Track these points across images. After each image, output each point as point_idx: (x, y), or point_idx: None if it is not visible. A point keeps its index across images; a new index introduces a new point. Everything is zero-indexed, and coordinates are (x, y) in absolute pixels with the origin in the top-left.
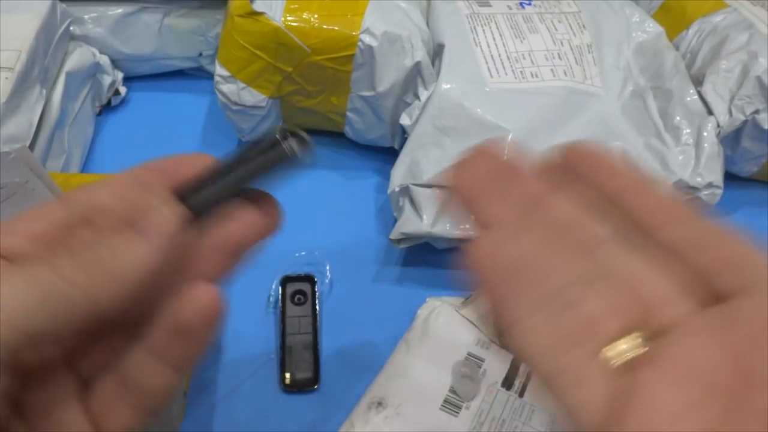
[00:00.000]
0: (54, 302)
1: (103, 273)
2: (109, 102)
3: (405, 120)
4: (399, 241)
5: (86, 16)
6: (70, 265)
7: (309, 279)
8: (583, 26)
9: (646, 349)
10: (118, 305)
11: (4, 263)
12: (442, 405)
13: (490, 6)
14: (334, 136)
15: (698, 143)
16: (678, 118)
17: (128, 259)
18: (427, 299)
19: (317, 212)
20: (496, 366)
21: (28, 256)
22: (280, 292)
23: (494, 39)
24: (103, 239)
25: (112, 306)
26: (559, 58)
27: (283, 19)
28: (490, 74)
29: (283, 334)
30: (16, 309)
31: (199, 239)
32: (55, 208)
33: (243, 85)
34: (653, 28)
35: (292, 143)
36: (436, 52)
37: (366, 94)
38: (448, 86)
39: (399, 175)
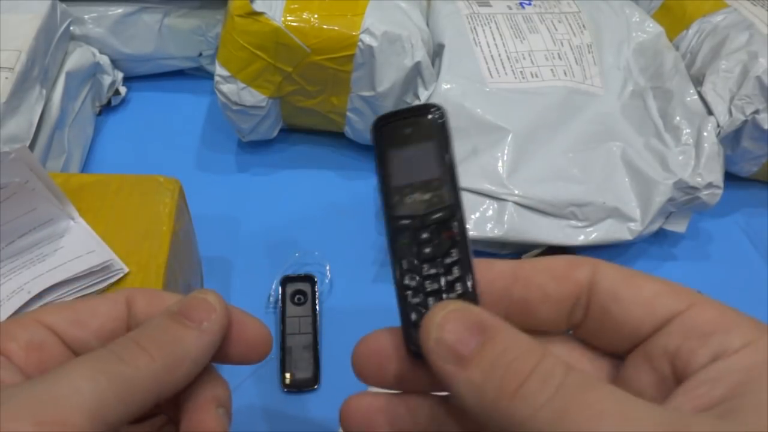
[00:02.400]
0: (126, 389)
1: (167, 357)
2: (109, 102)
3: None
4: None
5: (86, 16)
6: (134, 351)
7: (309, 279)
8: (583, 26)
9: None
10: (177, 388)
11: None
12: None
13: (490, 6)
14: (334, 136)
15: (698, 143)
16: (678, 118)
17: (188, 346)
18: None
19: (317, 212)
20: None
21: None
22: (280, 292)
23: (494, 39)
24: (163, 328)
25: (173, 389)
26: (559, 58)
27: (283, 19)
28: (490, 74)
29: (283, 334)
30: (94, 399)
31: None
32: (119, 303)
33: (243, 85)
34: (653, 28)
35: None
36: (436, 52)
37: (366, 94)
38: (448, 86)
39: None
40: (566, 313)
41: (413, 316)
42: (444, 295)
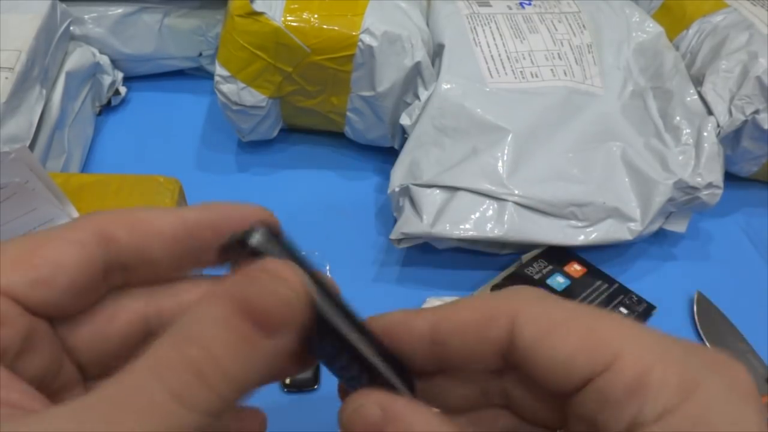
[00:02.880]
0: None
1: (235, 392)
2: (109, 102)
3: (405, 120)
4: (399, 241)
5: (86, 16)
6: (188, 380)
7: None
8: (583, 26)
9: None
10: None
11: None
12: None
13: (490, 6)
14: (334, 136)
15: (698, 143)
16: (678, 118)
17: (255, 368)
18: (427, 299)
19: (317, 212)
20: None
21: (59, 310)
22: None
23: (494, 39)
24: (226, 344)
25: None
26: (559, 58)
27: (283, 19)
28: (490, 74)
29: None
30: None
31: None
32: (91, 245)
33: (243, 85)
34: (653, 28)
35: None
36: (436, 52)
37: (366, 94)
38: (448, 86)
39: (399, 175)
40: (494, 364)
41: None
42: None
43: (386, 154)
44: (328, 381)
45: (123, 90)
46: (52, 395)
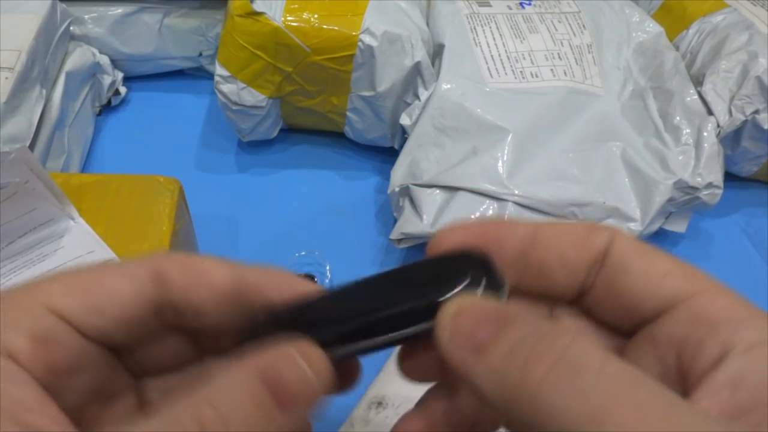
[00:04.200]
0: None
1: None
2: (109, 102)
3: (405, 120)
4: (399, 241)
5: (86, 16)
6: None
7: (309, 279)
8: (583, 26)
9: None
10: None
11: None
12: None
13: (490, 6)
14: (334, 136)
15: (698, 143)
16: (678, 118)
17: None
18: None
19: (317, 212)
20: None
21: (113, 341)
22: None
23: (494, 39)
24: (237, 403)
25: None
26: (559, 58)
27: (283, 19)
28: (490, 74)
29: None
30: None
31: None
32: (146, 282)
33: (243, 85)
34: (653, 28)
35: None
36: (436, 52)
37: (366, 94)
38: (448, 86)
39: (399, 175)
40: (580, 280)
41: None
42: None
43: (386, 154)
44: None
45: (123, 90)
46: (103, 401)
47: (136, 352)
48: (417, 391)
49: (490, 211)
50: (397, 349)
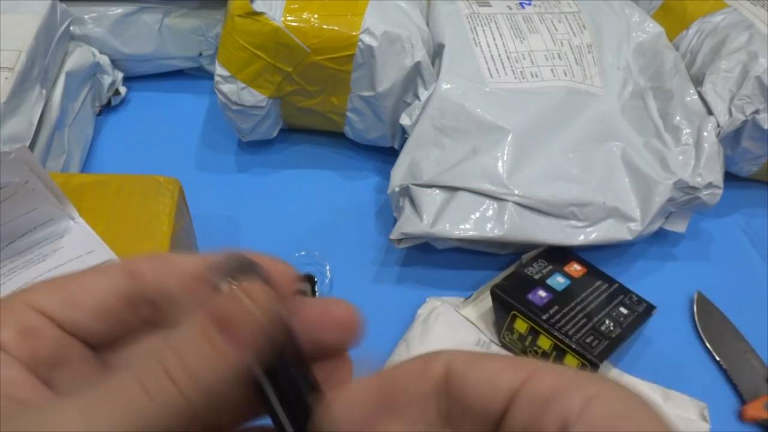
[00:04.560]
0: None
1: (200, 394)
2: (109, 102)
3: (405, 120)
4: (399, 241)
5: (86, 16)
6: (158, 376)
7: (309, 279)
8: (583, 26)
9: None
10: (210, 420)
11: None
12: None
13: (490, 6)
14: (334, 136)
15: (698, 143)
16: (678, 118)
17: (220, 373)
18: (427, 299)
19: (317, 212)
20: None
21: (92, 335)
22: None
23: (494, 39)
24: (193, 345)
25: (200, 421)
26: (559, 58)
27: (283, 19)
28: (490, 74)
29: None
30: None
31: None
32: (119, 277)
33: (243, 85)
34: (653, 28)
35: None
36: (436, 52)
37: (366, 94)
38: (448, 86)
39: (399, 175)
40: (434, 412)
41: None
42: None
43: (386, 154)
44: None
45: (123, 90)
46: None
47: (117, 350)
48: None
49: (490, 211)
50: (395, 353)
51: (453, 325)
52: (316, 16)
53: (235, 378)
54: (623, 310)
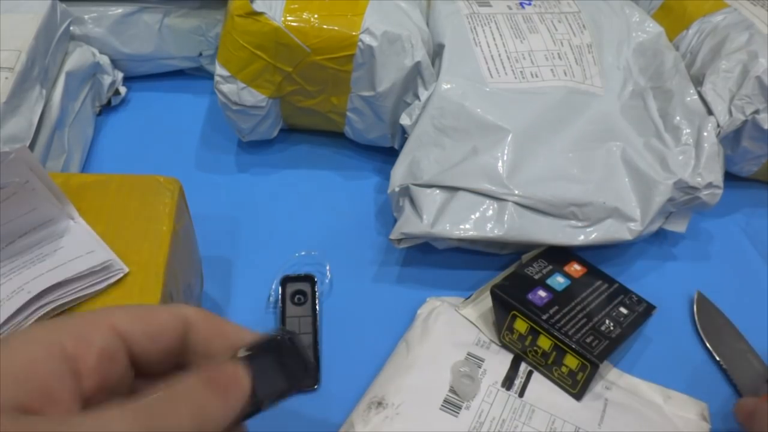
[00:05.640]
0: None
1: (195, 421)
2: (109, 102)
3: (405, 120)
4: (399, 241)
5: (86, 16)
6: (169, 409)
7: (309, 279)
8: (583, 26)
9: None
10: None
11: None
12: (442, 405)
13: (490, 6)
14: (334, 136)
15: (698, 143)
16: (678, 118)
17: (215, 416)
18: (427, 299)
19: (317, 212)
20: (496, 366)
21: (150, 367)
22: (280, 292)
23: (494, 39)
24: (180, 388)
25: None
26: (559, 58)
27: (283, 19)
28: (490, 74)
29: None
30: None
31: None
32: (179, 321)
33: (243, 85)
34: (653, 28)
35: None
36: (436, 52)
37: (366, 94)
38: (448, 86)
39: (399, 175)
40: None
41: None
42: None
43: (386, 154)
44: (328, 381)
45: (123, 90)
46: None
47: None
48: (417, 391)
49: (490, 211)
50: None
51: (453, 325)
52: (316, 16)
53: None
54: (623, 310)
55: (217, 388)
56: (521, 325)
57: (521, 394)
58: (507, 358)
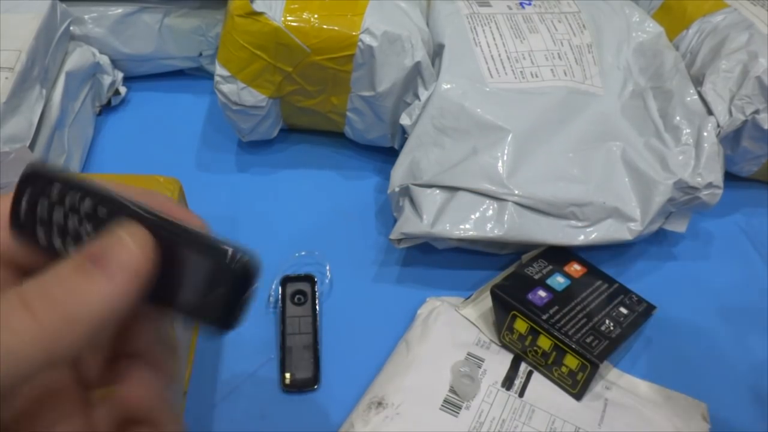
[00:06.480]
0: (7, 366)
1: (60, 321)
2: (109, 102)
3: (405, 120)
4: (399, 241)
5: (86, 16)
6: (15, 309)
7: (309, 279)
8: (583, 26)
9: None
10: (74, 354)
11: None
12: (442, 405)
13: (490, 6)
14: (334, 136)
15: (698, 143)
16: (678, 118)
17: (88, 303)
18: (427, 299)
19: (317, 212)
20: (496, 366)
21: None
22: (280, 292)
23: (494, 39)
24: (60, 277)
25: (67, 355)
26: (559, 58)
27: (283, 19)
28: (490, 74)
29: (283, 334)
30: None
31: None
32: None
33: (243, 85)
34: (653, 28)
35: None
36: (436, 52)
37: (366, 94)
38: (448, 86)
39: (399, 175)
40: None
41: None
42: None
43: (386, 154)
44: (328, 381)
45: (123, 90)
46: None
47: None
48: (417, 391)
49: (490, 211)
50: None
51: (453, 325)
52: (316, 16)
53: (111, 304)
54: (623, 310)
55: (94, 263)
56: (521, 325)
57: (521, 394)
58: (507, 358)
